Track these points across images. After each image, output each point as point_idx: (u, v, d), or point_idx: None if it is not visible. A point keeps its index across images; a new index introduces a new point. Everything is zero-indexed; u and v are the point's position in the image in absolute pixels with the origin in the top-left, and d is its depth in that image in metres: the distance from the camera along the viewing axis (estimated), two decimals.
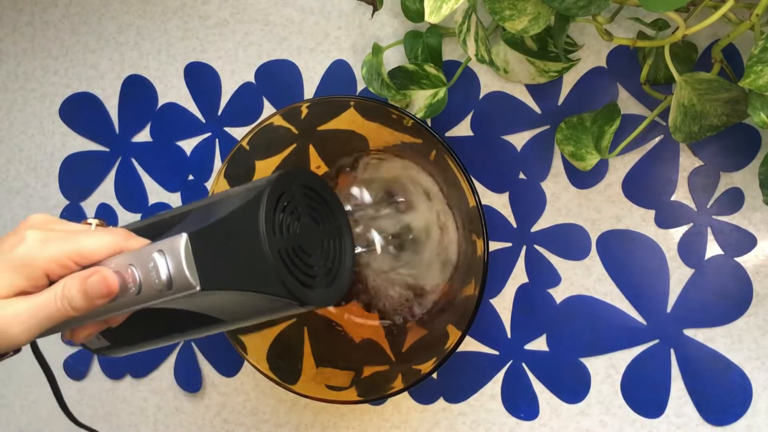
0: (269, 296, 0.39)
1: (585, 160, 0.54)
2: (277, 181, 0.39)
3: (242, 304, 0.40)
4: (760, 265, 0.55)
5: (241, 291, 0.39)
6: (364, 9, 0.62)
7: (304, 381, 0.56)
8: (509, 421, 0.60)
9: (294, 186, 0.41)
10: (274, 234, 0.38)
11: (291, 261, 0.39)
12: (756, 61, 0.43)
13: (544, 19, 0.47)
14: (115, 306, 0.39)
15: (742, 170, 0.55)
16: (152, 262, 0.38)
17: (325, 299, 0.41)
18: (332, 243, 0.43)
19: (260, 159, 0.58)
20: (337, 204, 0.44)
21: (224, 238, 0.38)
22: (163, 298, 0.38)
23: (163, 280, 0.37)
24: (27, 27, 0.72)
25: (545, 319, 0.59)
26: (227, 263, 0.38)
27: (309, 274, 0.40)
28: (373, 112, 0.54)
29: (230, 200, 0.40)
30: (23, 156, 0.72)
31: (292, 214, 0.40)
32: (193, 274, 0.37)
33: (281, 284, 0.38)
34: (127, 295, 0.38)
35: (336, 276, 0.43)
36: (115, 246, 0.39)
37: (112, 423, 0.69)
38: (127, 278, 0.38)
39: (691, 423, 0.56)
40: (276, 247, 0.38)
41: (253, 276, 0.38)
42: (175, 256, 0.37)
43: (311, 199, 0.42)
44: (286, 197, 0.40)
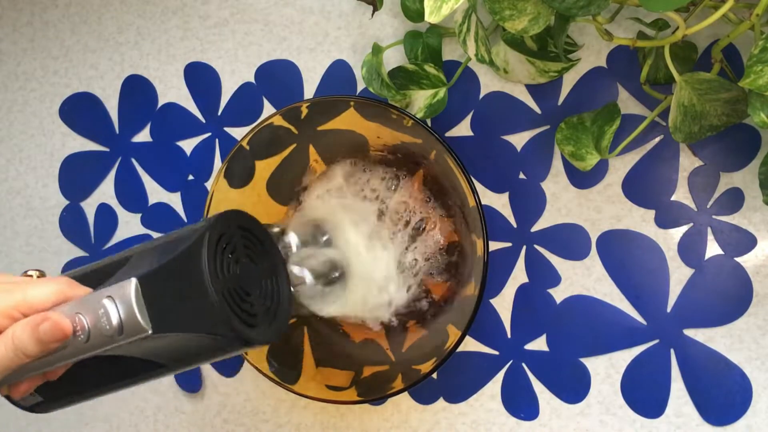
0: (214, 336, 0.39)
1: (585, 160, 0.54)
2: (216, 223, 0.40)
3: (188, 346, 0.41)
4: (760, 265, 0.55)
5: (190, 333, 0.39)
6: (364, 9, 0.62)
7: (304, 381, 0.56)
8: (509, 421, 0.60)
9: (231, 228, 0.42)
10: (217, 276, 0.39)
11: (234, 301, 0.40)
12: (756, 61, 0.43)
13: (544, 19, 0.47)
14: (62, 355, 0.39)
15: (742, 170, 0.55)
16: (102, 309, 0.38)
17: (267, 336, 0.42)
18: (269, 282, 0.44)
19: (260, 159, 0.58)
20: (272, 243, 0.45)
21: (170, 281, 0.39)
22: (113, 344, 0.39)
23: (114, 326, 0.38)
24: (27, 27, 0.72)
25: (545, 319, 0.59)
26: (175, 306, 0.39)
27: (251, 312, 0.41)
28: (373, 112, 0.54)
29: (171, 244, 0.40)
30: (23, 156, 0.72)
31: (231, 255, 0.41)
32: (144, 317, 0.38)
33: (226, 325, 0.39)
34: (75, 343, 0.39)
35: (276, 313, 0.44)
36: (61, 294, 0.39)
37: (112, 423, 0.69)
38: (75, 326, 0.38)
39: (691, 423, 0.56)
40: (219, 289, 0.39)
41: (200, 317, 0.39)
42: (125, 301, 0.38)
43: (247, 239, 0.43)
44: (225, 239, 0.41)
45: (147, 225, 0.68)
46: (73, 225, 0.71)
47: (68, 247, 0.71)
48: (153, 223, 0.68)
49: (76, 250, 0.71)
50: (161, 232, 0.68)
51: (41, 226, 0.72)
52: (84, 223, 0.70)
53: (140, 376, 0.43)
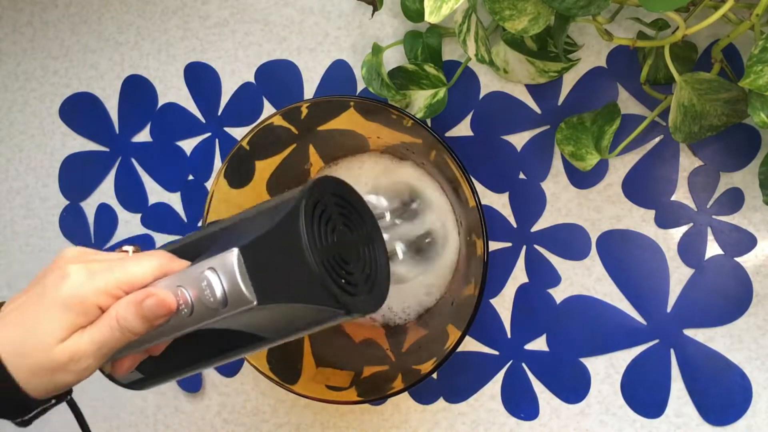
0: (317, 307, 0.38)
1: (585, 160, 0.54)
2: (311, 190, 0.39)
3: (291, 318, 0.40)
4: (760, 265, 0.55)
5: (292, 303, 0.38)
6: (364, 9, 0.62)
7: (304, 381, 0.56)
8: (509, 421, 0.60)
9: (326, 195, 0.41)
10: (316, 245, 0.38)
11: (334, 270, 0.38)
12: (756, 61, 0.43)
13: (544, 19, 0.47)
14: (166, 330, 0.39)
15: (742, 170, 0.55)
16: (205, 281, 0.37)
17: (369, 306, 0.41)
18: (366, 249, 0.43)
19: (260, 159, 0.58)
20: (366, 210, 0.44)
21: (270, 251, 0.38)
22: (217, 317, 0.38)
23: (218, 298, 0.37)
24: (27, 27, 0.72)
25: (545, 319, 0.59)
26: (277, 276, 0.38)
27: (351, 282, 0.40)
28: (373, 112, 0.54)
29: (267, 213, 0.39)
30: (23, 156, 0.72)
31: (327, 223, 0.40)
32: (248, 288, 0.37)
33: (328, 294, 0.37)
34: (178, 317, 0.38)
35: (375, 282, 0.42)
36: (161, 269, 0.39)
37: (112, 423, 0.69)
38: (179, 300, 0.38)
39: (691, 423, 0.56)
40: (319, 258, 0.37)
41: (301, 287, 0.38)
42: (228, 272, 0.37)
43: (342, 207, 0.42)
44: (320, 206, 0.40)
45: (147, 225, 0.68)
46: (73, 225, 0.71)
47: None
48: (153, 223, 0.68)
49: None
50: (161, 233, 0.68)
51: (41, 226, 0.72)
52: (84, 223, 0.70)
53: (239, 349, 0.42)
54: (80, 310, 0.37)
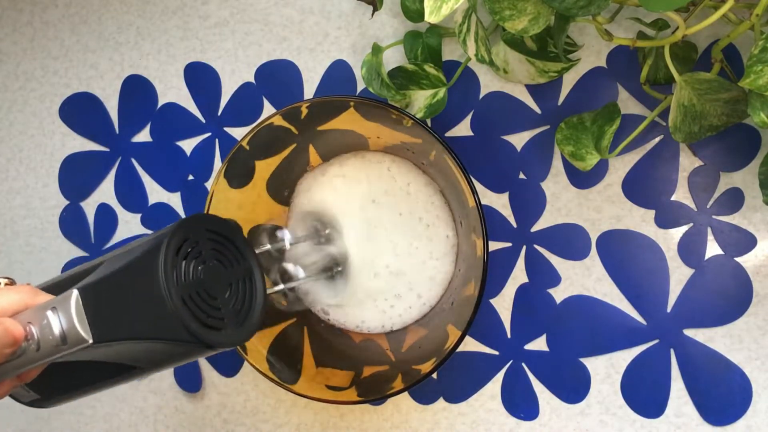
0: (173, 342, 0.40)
1: (585, 160, 0.54)
2: (178, 229, 0.41)
3: (151, 352, 0.41)
4: (760, 265, 0.55)
5: (141, 340, 0.40)
6: (364, 9, 0.62)
7: (304, 381, 0.56)
8: (509, 421, 0.60)
9: (198, 231, 0.42)
10: (176, 281, 0.39)
11: (196, 305, 0.40)
12: (756, 61, 0.43)
13: (544, 19, 0.47)
14: (22, 362, 0.40)
15: (742, 170, 0.55)
16: (45, 320, 0.39)
17: (234, 339, 0.42)
18: (242, 284, 0.44)
19: (260, 159, 0.58)
20: (246, 246, 0.46)
21: (124, 288, 0.40)
22: (60, 353, 0.39)
23: (56, 336, 0.39)
24: (27, 27, 0.72)
25: (545, 319, 0.59)
26: (126, 314, 0.39)
27: (216, 316, 0.41)
28: (373, 112, 0.54)
29: (133, 251, 0.41)
30: (23, 156, 0.72)
31: (196, 259, 0.41)
32: (84, 328, 0.39)
33: (185, 329, 0.39)
34: (28, 352, 0.40)
35: (247, 315, 0.44)
36: (21, 304, 0.41)
37: (112, 423, 0.69)
38: (27, 335, 0.39)
39: (691, 423, 0.56)
40: (178, 294, 0.39)
41: (157, 324, 0.39)
42: (66, 312, 0.39)
43: (217, 243, 0.44)
44: (189, 243, 0.41)
45: (147, 225, 0.68)
46: (73, 225, 0.71)
47: (68, 247, 0.71)
48: (153, 223, 0.68)
49: (76, 250, 0.71)
50: None
51: (41, 226, 0.72)
52: (84, 223, 0.70)
53: (120, 376, 0.44)
54: None
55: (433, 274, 0.59)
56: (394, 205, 0.59)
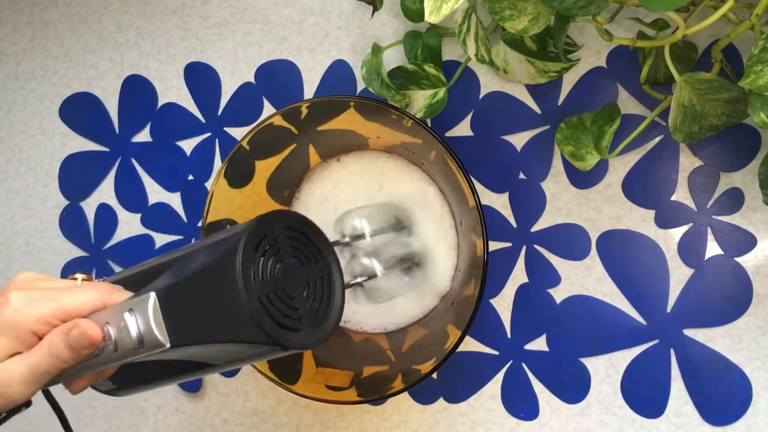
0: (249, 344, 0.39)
1: (585, 160, 0.54)
2: (256, 226, 0.40)
3: (226, 352, 0.41)
4: (760, 265, 0.55)
5: (216, 344, 0.39)
6: (364, 9, 0.62)
7: (304, 381, 0.56)
8: (509, 421, 0.60)
9: (276, 228, 0.41)
10: (254, 281, 0.38)
11: (273, 305, 0.39)
12: (756, 61, 0.43)
13: (544, 19, 0.47)
14: (100, 361, 0.40)
15: (742, 170, 0.55)
16: (123, 322, 0.39)
17: (310, 341, 0.41)
18: (319, 282, 0.43)
19: (260, 159, 0.58)
20: (324, 242, 0.44)
21: (200, 291, 0.39)
22: (136, 356, 0.39)
23: (133, 339, 0.38)
24: (27, 27, 0.72)
25: (545, 319, 0.59)
26: (202, 317, 0.39)
27: (292, 316, 0.40)
28: (373, 112, 0.54)
29: (210, 249, 0.40)
30: (23, 156, 0.72)
31: (274, 257, 0.40)
32: (162, 332, 0.38)
33: (261, 331, 0.38)
34: (105, 351, 0.40)
35: (325, 315, 0.43)
36: (98, 301, 0.40)
37: (112, 423, 0.69)
38: (105, 336, 0.39)
39: (691, 423, 0.56)
40: (255, 294, 0.38)
41: (233, 326, 0.38)
42: (143, 315, 0.38)
43: (295, 239, 0.42)
44: (267, 240, 0.40)
45: (147, 225, 0.68)
46: (73, 225, 0.71)
47: (68, 247, 0.71)
48: (153, 223, 0.68)
49: (76, 250, 0.71)
50: (161, 233, 0.68)
51: (41, 226, 0.72)
52: (84, 223, 0.70)
53: (194, 372, 0.43)
54: (15, 335, 0.39)
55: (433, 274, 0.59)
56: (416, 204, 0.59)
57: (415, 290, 0.58)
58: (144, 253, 0.68)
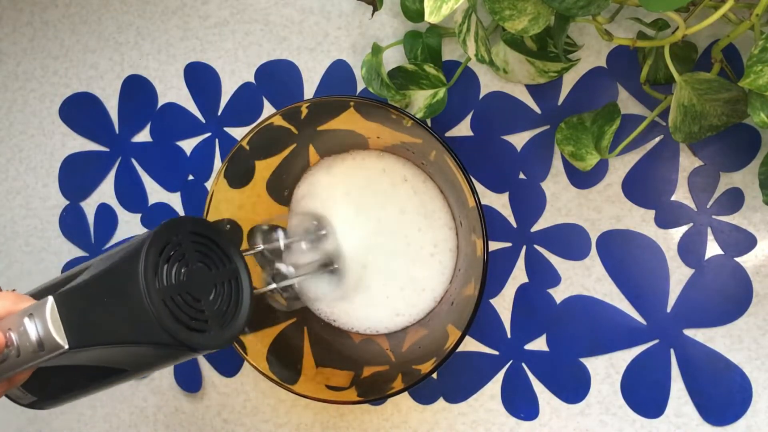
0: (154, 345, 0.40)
1: (585, 160, 0.54)
2: (159, 232, 0.41)
3: (134, 355, 0.42)
4: (760, 265, 0.55)
5: (119, 345, 0.40)
6: (364, 9, 0.62)
7: (304, 381, 0.56)
8: (509, 421, 0.60)
9: (180, 234, 0.43)
10: (158, 284, 0.40)
11: (178, 308, 0.40)
12: (756, 61, 0.43)
13: (544, 19, 0.47)
14: (5, 368, 0.41)
15: (742, 170, 0.55)
16: (23, 326, 0.39)
17: (217, 341, 0.42)
18: (227, 285, 0.45)
19: (260, 159, 0.58)
20: (231, 247, 0.46)
21: (102, 294, 0.40)
22: (39, 359, 0.39)
23: (33, 342, 0.39)
24: (27, 27, 0.72)
25: (545, 319, 0.59)
26: (104, 319, 0.40)
27: (199, 318, 0.41)
28: (373, 112, 0.54)
29: (115, 255, 0.41)
30: (23, 156, 0.72)
31: (179, 262, 0.42)
32: (60, 334, 0.39)
33: (166, 333, 0.39)
34: (9, 358, 0.40)
35: (233, 316, 0.44)
36: (3, 310, 0.41)
37: (112, 423, 0.69)
38: (7, 341, 0.40)
39: (691, 423, 0.56)
40: (159, 297, 0.39)
41: (138, 328, 0.39)
42: (42, 318, 0.39)
43: (201, 245, 0.44)
44: (171, 246, 0.42)
45: (147, 225, 0.68)
46: (73, 225, 0.71)
47: (68, 247, 0.71)
48: (153, 223, 0.68)
49: (76, 250, 0.71)
50: None
51: (41, 226, 0.72)
52: (84, 223, 0.70)
53: (111, 378, 0.44)
54: None
55: (433, 275, 0.59)
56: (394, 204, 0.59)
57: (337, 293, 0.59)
58: None
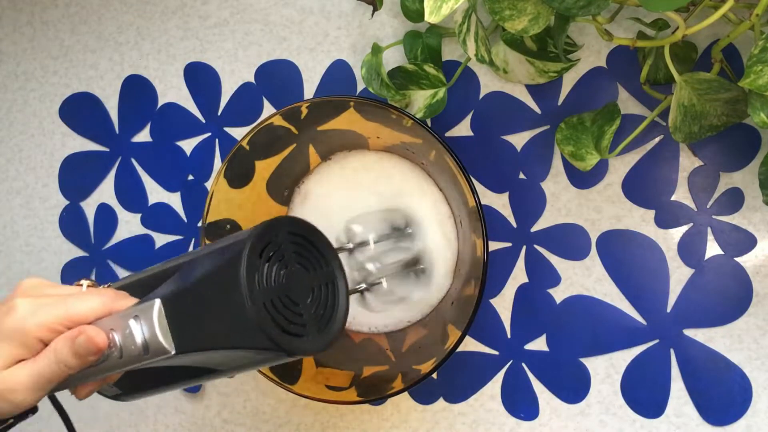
0: (255, 350, 0.39)
1: (585, 160, 0.54)
2: (260, 233, 0.40)
3: (232, 358, 0.41)
4: (760, 265, 0.55)
5: (221, 350, 0.39)
6: (364, 9, 0.62)
7: (304, 381, 0.56)
8: (509, 421, 0.60)
9: (280, 235, 0.41)
10: (258, 287, 0.38)
11: (277, 311, 0.39)
12: (756, 61, 0.43)
13: (544, 19, 0.47)
14: (105, 367, 0.40)
15: (742, 170, 0.55)
16: (128, 329, 0.39)
17: (315, 346, 0.41)
18: (324, 288, 0.43)
19: (260, 159, 0.58)
20: (328, 248, 0.44)
21: (204, 297, 0.39)
22: (142, 362, 0.39)
23: (138, 346, 0.39)
24: (27, 27, 0.72)
25: (545, 319, 0.59)
26: (207, 324, 0.39)
27: (297, 322, 0.40)
28: (373, 112, 0.54)
29: (214, 255, 0.40)
30: (23, 156, 0.72)
31: (279, 263, 0.40)
32: (167, 339, 0.38)
33: (266, 338, 0.38)
34: (111, 358, 0.40)
35: (329, 320, 0.43)
36: (104, 308, 0.40)
37: (112, 423, 0.69)
38: (110, 342, 0.39)
39: (691, 423, 0.56)
40: (260, 300, 0.38)
41: (238, 332, 0.38)
42: (148, 322, 0.38)
43: (300, 245, 0.42)
44: (271, 247, 0.40)
45: (147, 225, 0.68)
46: (73, 225, 0.71)
47: (68, 247, 0.71)
48: (153, 223, 0.68)
49: (76, 250, 0.71)
50: (161, 232, 0.68)
51: (41, 226, 0.72)
52: (84, 223, 0.70)
53: (198, 377, 0.43)
54: (21, 342, 0.39)
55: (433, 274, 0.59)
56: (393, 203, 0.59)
57: (421, 292, 0.58)
58: (144, 253, 0.68)
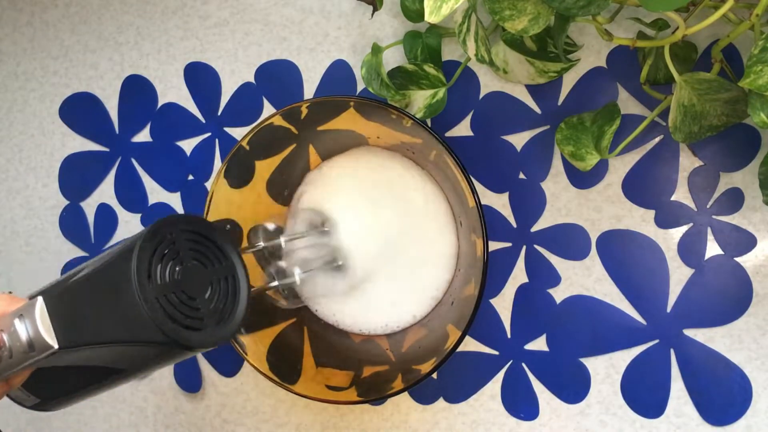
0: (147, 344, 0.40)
1: (585, 160, 0.54)
2: (152, 230, 0.41)
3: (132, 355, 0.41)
4: (760, 265, 0.55)
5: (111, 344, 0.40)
6: (364, 9, 0.62)
7: (304, 381, 0.56)
8: (509, 421, 0.60)
9: (174, 233, 0.42)
10: (151, 282, 0.39)
11: (172, 306, 0.40)
12: (756, 61, 0.43)
13: (544, 19, 0.47)
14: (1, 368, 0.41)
15: (742, 170, 0.55)
16: (13, 327, 0.39)
17: (213, 339, 0.42)
18: (224, 282, 0.44)
19: (260, 159, 0.58)
20: (227, 244, 0.45)
21: (95, 293, 0.40)
22: (31, 359, 0.39)
23: (23, 343, 0.39)
24: (27, 27, 0.72)
25: (545, 319, 0.59)
26: (97, 319, 0.39)
27: (194, 316, 0.41)
28: (373, 112, 0.54)
29: (109, 254, 0.41)
30: (23, 156, 0.72)
31: (173, 260, 0.41)
32: (50, 334, 0.39)
33: (159, 331, 0.39)
34: (2, 358, 0.40)
35: (230, 314, 0.44)
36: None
37: (112, 423, 0.69)
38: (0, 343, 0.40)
39: (691, 423, 0.56)
40: (152, 295, 0.39)
41: (131, 327, 0.39)
42: (31, 319, 0.39)
43: (196, 242, 0.44)
44: (165, 244, 0.41)
45: (147, 225, 0.68)
46: (73, 225, 0.71)
47: (68, 247, 0.71)
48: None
49: (76, 250, 0.71)
50: None
51: (41, 226, 0.72)
52: (84, 223, 0.70)
53: (108, 379, 0.44)
54: None
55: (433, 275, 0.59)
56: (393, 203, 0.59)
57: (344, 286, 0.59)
58: None
